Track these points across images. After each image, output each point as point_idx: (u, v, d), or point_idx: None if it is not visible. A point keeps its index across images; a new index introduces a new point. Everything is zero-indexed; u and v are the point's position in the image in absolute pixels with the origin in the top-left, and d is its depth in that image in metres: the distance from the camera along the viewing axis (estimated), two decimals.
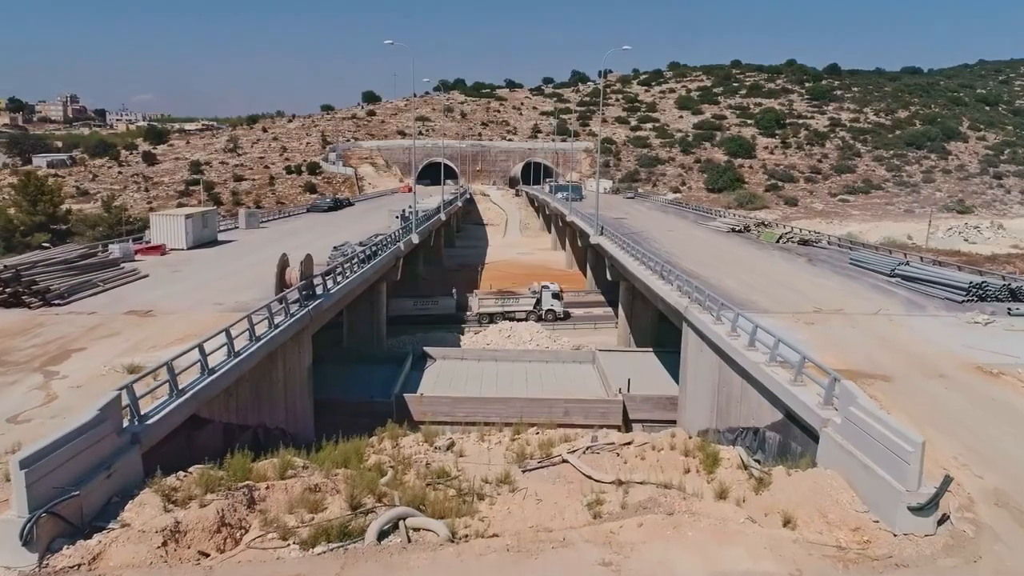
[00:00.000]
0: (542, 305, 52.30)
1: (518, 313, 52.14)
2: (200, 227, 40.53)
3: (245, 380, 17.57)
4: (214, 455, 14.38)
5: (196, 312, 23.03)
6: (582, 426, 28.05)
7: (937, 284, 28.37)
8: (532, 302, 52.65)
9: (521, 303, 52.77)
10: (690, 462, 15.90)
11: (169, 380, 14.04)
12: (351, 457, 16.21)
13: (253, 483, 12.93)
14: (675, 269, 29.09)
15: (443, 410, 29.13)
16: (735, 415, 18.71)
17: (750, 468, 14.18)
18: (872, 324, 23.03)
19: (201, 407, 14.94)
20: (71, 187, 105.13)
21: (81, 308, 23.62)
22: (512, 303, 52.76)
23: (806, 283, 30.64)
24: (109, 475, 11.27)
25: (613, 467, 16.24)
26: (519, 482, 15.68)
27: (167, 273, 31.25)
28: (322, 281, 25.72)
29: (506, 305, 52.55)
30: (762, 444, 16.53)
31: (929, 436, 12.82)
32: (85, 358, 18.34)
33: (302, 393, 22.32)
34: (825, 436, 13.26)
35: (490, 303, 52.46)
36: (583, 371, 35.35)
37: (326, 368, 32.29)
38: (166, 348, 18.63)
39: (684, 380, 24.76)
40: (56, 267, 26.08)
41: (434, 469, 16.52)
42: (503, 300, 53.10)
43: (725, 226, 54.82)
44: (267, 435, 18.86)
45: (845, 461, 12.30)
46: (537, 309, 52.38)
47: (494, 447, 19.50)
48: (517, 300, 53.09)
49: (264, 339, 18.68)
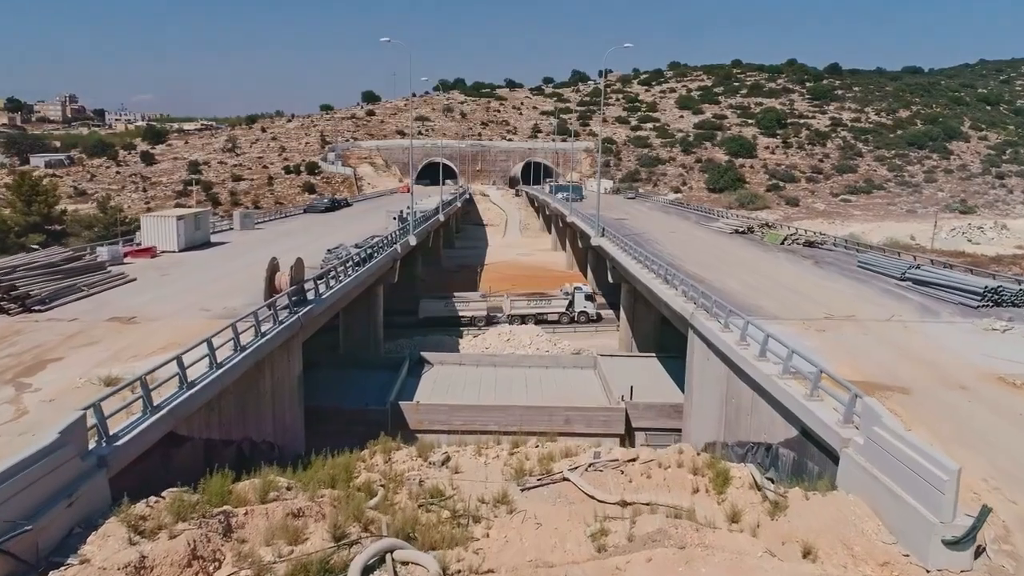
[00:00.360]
0: (575, 307, 51.39)
1: (550, 315, 51.40)
2: (192, 229, 39.61)
3: (229, 392, 16.66)
4: (193, 474, 13.48)
5: (181, 318, 22.11)
6: (583, 435, 27.26)
7: (950, 288, 27.46)
8: (565, 303, 51.83)
9: (553, 304, 51.96)
10: (699, 481, 14.97)
11: (143, 396, 13.12)
12: (339, 475, 15.28)
13: (231, 508, 12.00)
14: (679, 273, 28.20)
15: (440, 418, 28.28)
16: (745, 428, 17.81)
17: (764, 489, 13.27)
18: (886, 331, 22.12)
19: (179, 424, 14.02)
20: (69, 187, 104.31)
21: (62, 314, 22.70)
22: (544, 304, 51.99)
23: (814, 287, 29.74)
24: (71, 503, 10.35)
25: (617, 486, 15.32)
26: (517, 502, 14.77)
27: (155, 276, 30.34)
28: (314, 286, 24.83)
29: (538, 306, 51.77)
30: (775, 461, 15.62)
31: (956, 455, 11.93)
32: (61, 369, 17.41)
33: (292, 404, 21.41)
34: (846, 457, 12.35)
35: (522, 304, 51.76)
36: (584, 377, 34.46)
37: (320, 374, 31.46)
38: (147, 358, 17.71)
39: (690, 389, 23.85)
40: (38, 271, 25.16)
41: (428, 488, 15.59)
42: (535, 301, 52.31)
43: (728, 227, 53.91)
44: (253, 449, 17.97)
45: (869, 485, 11.40)
46: (570, 311, 51.55)
47: (491, 462, 18.58)
48: (549, 302, 52.26)
49: (250, 348, 17.78)
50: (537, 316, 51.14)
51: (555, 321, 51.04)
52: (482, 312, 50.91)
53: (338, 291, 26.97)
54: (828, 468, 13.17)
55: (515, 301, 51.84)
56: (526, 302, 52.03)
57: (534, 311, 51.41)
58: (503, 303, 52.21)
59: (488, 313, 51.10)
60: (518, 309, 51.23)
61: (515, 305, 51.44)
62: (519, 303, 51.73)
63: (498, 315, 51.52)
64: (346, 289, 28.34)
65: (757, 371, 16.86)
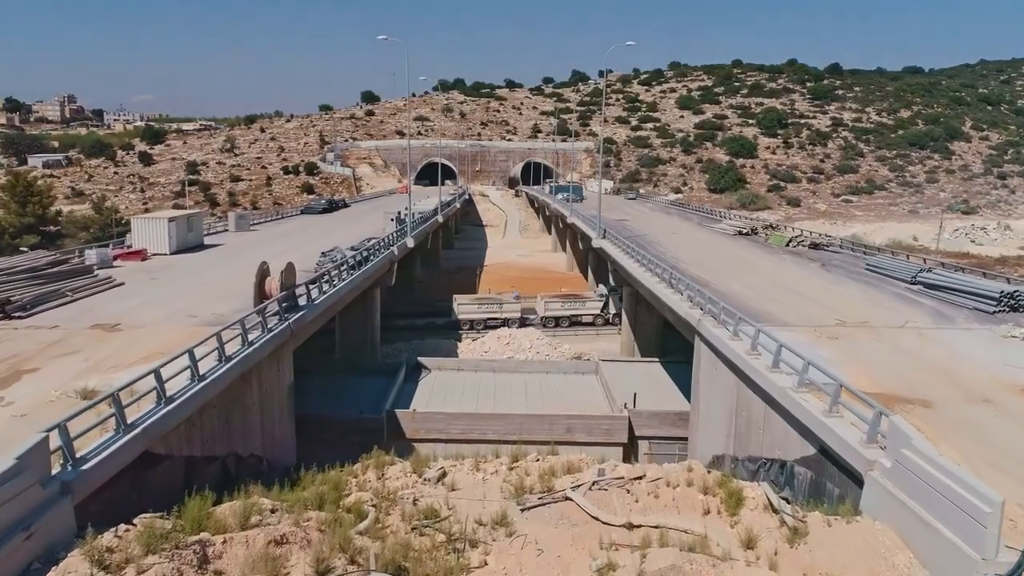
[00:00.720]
0: (609, 308, 50.61)
1: (584, 317, 50.64)
2: (184, 231, 38.75)
3: (212, 406, 15.77)
4: (172, 496, 12.61)
5: (167, 326, 21.22)
6: (585, 443, 26.41)
7: (964, 293, 26.58)
8: (599, 305, 51.02)
9: (588, 307, 51.19)
10: (710, 501, 14.08)
11: (116, 413, 12.23)
12: (328, 495, 14.40)
13: (208, 536, 11.12)
14: (684, 276, 27.32)
15: (437, 427, 27.41)
16: (756, 443, 16.92)
17: (781, 512, 12.39)
18: (901, 339, 21.24)
19: (155, 442, 13.12)
20: (66, 188, 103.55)
21: (43, 321, 21.82)
22: (579, 307, 51.19)
23: (823, 291, 28.87)
24: (29, 536, 9.48)
25: (623, 506, 14.43)
26: (517, 524, 13.87)
27: (144, 280, 29.46)
28: (306, 290, 23.95)
29: (573, 308, 51.02)
30: (790, 480, 14.74)
31: (987, 478, 11.08)
32: (37, 380, 16.53)
33: (281, 415, 20.51)
34: (871, 481, 11.47)
35: (556, 307, 51.01)
36: (585, 383, 33.57)
37: (314, 380, 30.56)
38: (127, 369, 16.84)
39: (696, 399, 22.94)
40: (20, 276, 24.28)
41: (422, 507, 14.69)
42: (570, 303, 51.55)
43: (731, 228, 53.03)
44: (239, 465, 17.08)
45: (898, 513, 10.52)
46: (604, 313, 50.74)
47: (489, 477, 17.68)
48: (584, 304, 51.49)
49: (236, 359, 16.88)
50: (572, 318, 50.60)
51: (590, 323, 50.45)
52: (516, 314, 50.27)
53: (332, 296, 26.09)
54: (850, 490, 12.30)
55: (549, 303, 51.25)
56: (560, 304, 51.42)
57: (568, 313, 50.81)
58: (537, 305, 51.77)
59: (522, 315, 50.55)
60: (552, 311, 50.67)
61: (549, 307, 50.85)
62: (553, 305, 51.15)
63: (531, 317, 50.99)
64: (340, 294, 27.47)
65: (770, 383, 15.97)
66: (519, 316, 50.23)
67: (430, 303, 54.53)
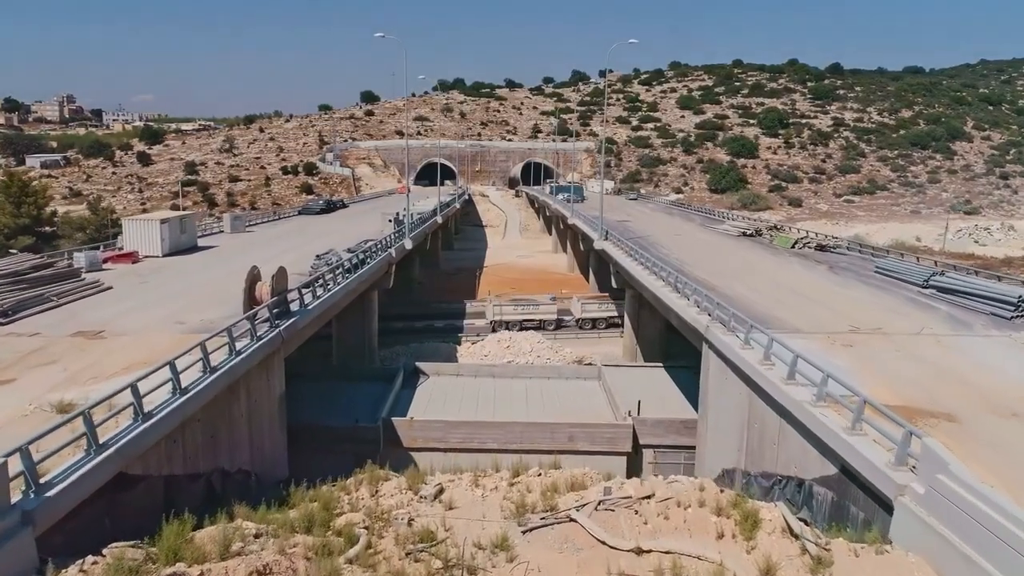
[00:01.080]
0: None
1: (617, 319, 49.85)
2: (177, 232, 37.89)
3: (196, 420, 14.91)
4: (150, 519, 11.74)
5: (153, 333, 20.36)
6: (588, 452, 25.60)
7: (979, 297, 25.71)
8: None
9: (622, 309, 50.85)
10: (724, 523, 13.21)
11: (87, 432, 11.37)
12: (318, 515, 13.54)
13: (184, 567, 10.27)
14: (689, 280, 26.46)
15: (435, 436, 26.51)
16: (771, 459, 16.06)
17: (803, 539, 11.53)
18: (918, 346, 20.38)
19: (131, 463, 12.26)
20: (64, 188, 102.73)
21: (24, 328, 20.95)
22: (615, 308, 50.56)
23: (833, 295, 28.01)
24: None
25: (631, 528, 13.58)
26: (518, 547, 13.03)
27: (134, 284, 28.61)
28: (299, 295, 23.08)
29: (608, 311, 50.73)
30: (808, 500, 13.88)
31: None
32: (11, 392, 15.67)
33: (272, 427, 19.64)
34: (902, 508, 10.61)
35: (593, 308, 50.97)
36: (588, 389, 32.67)
37: (308, 387, 29.67)
38: (108, 380, 16.01)
39: (704, 409, 22.07)
40: (2, 280, 23.40)
41: (417, 529, 13.84)
42: (604, 305, 51.27)
43: (735, 229, 52.16)
44: (226, 481, 16.22)
45: (934, 545, 9.68)
46: None
47: (489, 494, 16.83)
48: (621, 305, 51.07)
49: (222, 370, 16.01)
50: (608, 320, 50.38)
51: (620, 325, 49.84)
52: (552, 315, 50.18)
53: (326, 300, 25.23)
54: (877, 515, 11.45)
55: (586, 304, 51.22)
56: (597, 305, 51.35)
57: (605, 314, 50.70)
58: (573, 306, 51.70)
59: (558, 316, 50.48)
60: (588, 312, 50.77)
61: (586, 308, 50.91)
62: (590, 306, 51.16)
63: (567, 319, 50.97)
64: (335, 298, 26.61)
65: (786, 396, 15.10)
66: (555, 317, 50.17)
67: (427, 304, 53.73)
